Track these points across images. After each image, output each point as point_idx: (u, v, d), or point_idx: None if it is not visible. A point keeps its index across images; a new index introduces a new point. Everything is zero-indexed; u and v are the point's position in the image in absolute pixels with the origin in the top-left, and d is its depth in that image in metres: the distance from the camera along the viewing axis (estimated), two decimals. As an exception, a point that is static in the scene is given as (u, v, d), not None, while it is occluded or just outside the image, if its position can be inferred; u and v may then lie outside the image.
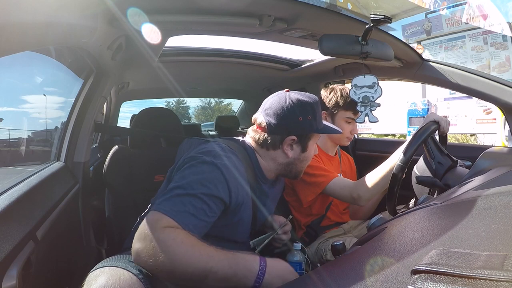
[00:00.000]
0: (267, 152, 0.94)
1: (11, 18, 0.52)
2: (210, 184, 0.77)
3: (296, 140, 0.92)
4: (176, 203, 0.72)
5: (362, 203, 1.14)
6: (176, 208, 0.71)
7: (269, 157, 0.94)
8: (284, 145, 0.92)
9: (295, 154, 0.94)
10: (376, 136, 4.17)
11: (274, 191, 1.05)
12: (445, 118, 1.06)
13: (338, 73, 1.69)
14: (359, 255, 0.54)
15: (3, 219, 0.62)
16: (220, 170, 0.79)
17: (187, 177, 0.77)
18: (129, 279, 0.70)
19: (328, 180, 1.20)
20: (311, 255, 1.28)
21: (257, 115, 0.96)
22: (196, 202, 0.73)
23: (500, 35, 3.29)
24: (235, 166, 0.84)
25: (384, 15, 0.86)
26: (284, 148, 0.92)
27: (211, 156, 0.82)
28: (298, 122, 0.90)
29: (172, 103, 14.96)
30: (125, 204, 1.31)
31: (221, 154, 0.83)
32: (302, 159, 0.96)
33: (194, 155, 0.82)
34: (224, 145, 0.88)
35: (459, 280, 0.33)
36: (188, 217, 0.71)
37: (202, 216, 0.74)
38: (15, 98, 1.19)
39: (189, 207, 0.72)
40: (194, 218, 0.72)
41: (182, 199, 0.73)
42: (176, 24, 0.93)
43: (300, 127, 0.91)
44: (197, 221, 0.73)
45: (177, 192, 0.74)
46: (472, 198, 0.62)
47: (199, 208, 0.73)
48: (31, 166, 1.19)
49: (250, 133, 0.97)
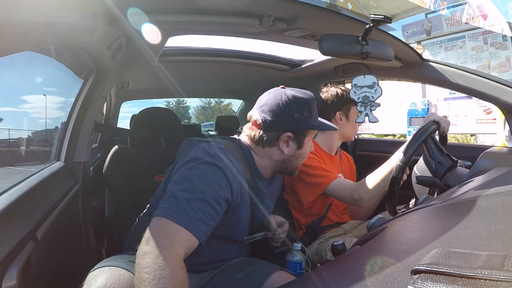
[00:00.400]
0: (263, 149, 0.93)
1: (11, 18, 0.52)
2: (216, 185, 0.77)
3: (292, 137, 0.92)
4: (187, 210, 0.72)
5: (363, 204, 1.14)
6: (189, 216, 0.71)
7: (264, 155, 0.94)
8: (280, 142, 0.91)
9: (291, 151, 0.93)
10: (376, 136, 4.17)
11: (271, 189, 1.05)
12: (445, 118, 1.07)
13: (338, 73, 1.69)
14: (359, 255, 0.54)
15: (3, 219, 0.62)
16: (222, 170, 0.79)
17: (191, 179, 0.77)
18: (129, 279, 0.70)
19: (329, 181, 1.20)
20: (311, 255, 1.28)
21: (253, 111, 0.95)
22: (205, 208, 0.74)
23: (500, 35, 3.29)
24: (234, 165, 0.84)
25: (384, 15, 0.86)
26: (280, 145, 0.92)
27: (211, 156, 0.81)
28: (294, 118, 0.90)
29: (172, 103, 14.96)
30: (125, 204, 1.31)
31: (220, 155, 0.83)
32: (298, 156, 0.95)
33: (196, 156, 0.82)
34: (222, 145, 0.88)
35: (459, 280, 0.33)
36: (200, 225, 0.72)
37: (210, 221, 0.75)
38: (15, 98, 1.19)
39: (200, 214, 0.72)
40: (204, 225, 0.73)
41: (192, 205, 0.72)
42: (176, 24, 0.93)
43: (296, 123, 0.91)
44: (206, 227, 0.73)
45: (185, 197, 0.73)
46: (472, 198, 0.62)
47: (207, 214, 0.74)
48: (31, 166, 1.19)
49: (246, 130, 0.96)
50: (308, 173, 1.21)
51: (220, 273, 0.94)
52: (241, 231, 0.95)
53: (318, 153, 1.33)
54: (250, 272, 0.91)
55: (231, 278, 0.91)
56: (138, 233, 0.97)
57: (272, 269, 0.90)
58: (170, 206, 0.72)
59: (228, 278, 0.91)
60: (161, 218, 0.71)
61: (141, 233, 0.97)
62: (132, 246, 0.94)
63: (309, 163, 1.22)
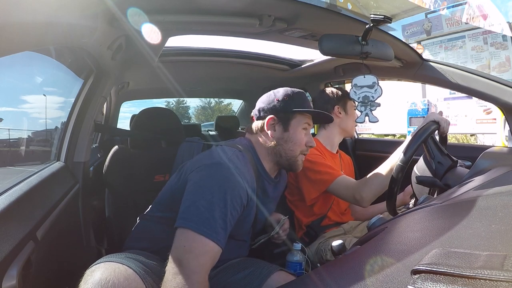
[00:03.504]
0: (258, 138, 1.00)
1: (11, 18, 0.52)
2: (234, 191, 0.80)
3: (276, 120, 0.98)
4: (209, 220, 0.75)
5: (364, 204, 1.14)
6: (211, 225, 0.75)
7: (261, 144, 0.99)
8: (267, 125, 0.98)
9: (278, 134, 0.98)
10: (376, 136, 4.17)
11: (276, 192, 1.08)
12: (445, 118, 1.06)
13: (338, 73, 1.69)
14: (359, 255, 0.54)
15: (3, 219, 0.62)
16: (239, 176, 0.82)
17: (210, 186, 0.79)
18: (124, 271, 0.72)
19: (333, 178, 1.20)
20: (311, 255, 1.28)
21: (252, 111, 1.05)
22: (225, 216, 0.77)
23: (500, 35, 3.29)
24: (247, 169, 0.88)
25: (384, 15, 0.86)
26: (267, 128, 0.98)
27: (226, 161, 0.84)
28: (275, 102, 0.99)
29: (172, 103, 14.97)
30: (125, 204, 1.31)
31: (235, 159, 0.87)
32: (286, 139, 0.98)
33: (212, 162, 0.84)
34: (233, 149, 0.92)
35: (459, 280, 0.33)
36: (221, 233, 0.76)
37: (229, 228, 0.79)
38: (15, 98, 1.18)
39: (220, 222, 0.76)
40: (224, 232, 0.78)
41: (213, 214, 0.76)
42: (176, 24, 0.93)
43: (277, 106, 0.98)
44: (226, 234, 0.78)
45: (205, 206, 0.76)
46: (472, 198, 0.62)
47: (227, 221, 0.78)
48: (31, 166, 1.18)
49: (248, 128, 1.04)
50: (313, 169, 1.22)
51: (220, 273, 0.94)
52: (245, 231, 0.96)
53: (321, 150, 1.35)
54: (250, 272, 0.91)
55: (231, 278, 0.91)
56: (139, 233, 0.98)
57: (272, 269, 0.90)
58: (192, 217, 0.76)
59: (228, 278, 0.92)
60: (185, 230, 0.75)
61: (142, 234, 0.98)
62: (133, 246, 0.94)
63: (314, 159, 1.23)
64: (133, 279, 0.72)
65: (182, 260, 0.72)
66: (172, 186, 0.91)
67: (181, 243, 0.74)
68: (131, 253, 0.86)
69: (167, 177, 1.35)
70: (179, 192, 0.85)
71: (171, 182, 0.93)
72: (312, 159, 1.22)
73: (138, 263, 0.78)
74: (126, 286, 0.70)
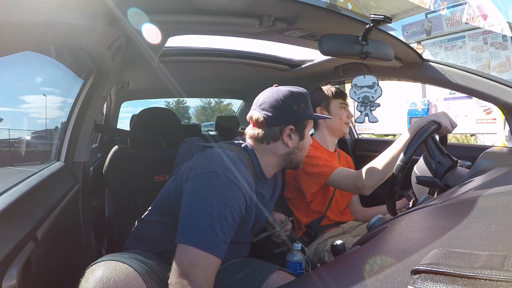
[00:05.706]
0: (267, 146, 0.94)
1: (11, 18, 0.52)
2: (233, 203, 0.79)
3: (293, 129, 0.94)
4: (210, 234, 0.75)
5: (366, 191, 1.13)
6: (212, 240, 0.75)
7: (269, 151, 0.95)
8: (284, 135, 0.93)
9: (294, 143, 0.95)
10: (376, 136, 4.17)
11: (273, 191, 1.07)
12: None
13: (338, 73, 1.69)
14: (359, 255, 0.54)
15: (3, 219, 0.62)
16: (238, 186, 0.81)
17: (209, 199, 0.77)
18: (125, 269, 0.73)
19: (332, 170, 1.20)
20: (310, 255, 1.28)
21: (252, 112, 0.96)
22: (225, 228, 0.77)
23: (500, 35, 3.30)
24: (245, 176, 0.85)
25: (384, 15, 0.86)
26: (284, 139, 0.93)
27: (224, 170, 0.82)
28: (294, 111, 0.92)
29: (172, 103, 14.96)
30: (125, 204, 1.31)
31: (232, 167, 0.84)
32: (301, 147, 0.97)
33: (209, 170, 0.81)
34: (232, 153, 0.89)
35: (459, 280, 0.33)
36: (222, 245, 0.76)
37: (229, 239, 0.79)
38: (15, 98, 1.18)
39: (221, 235, 0.76)
40: (225, 244, 0.77)
41: (213, 228, 0.75)
42: (176, 24, 0.93)
43: (296, 115, 0.93)
44: (226, 246, 0.78)
45: (206, 220, 0.75)
46: (472, 198, 0.62)
47: (227, 233, 0.78)
48: (31, 166, 1.18)
49: (249, 132, 0.97)
50: (311, 164, 1.22)
51: (220, 273, 0.94)
52: (245, 234, 0.96)
53: (318, 147, 1.35)
54: (249, 272, 0.91)
55: (231, 278, 0.91)
56: (138, 235, 0.98)
57: (271, 269, 0.90)
58: (193, 232, 0.75)
59: (228, 278, 0.92)
60: (188, 246, 0.74)
61: (141, 236, 0.98)
62: (132, 247, 0.94)
63: (311, 154, 1.23)
64: (133, 277, 0.73)
65: (189, 274, 0.72)
66: (170, 194, 0.89)
67: (186, 257, 0.74)
68: (131, 252, 0.86)
69: (167, 177, 1.35)
70: (176, 200, 0.84)
71: (168, 188, 0.91)
72: (310, 154, 1.21)
73: (138, 262, 0.78)
74: (127, 283, 0.71)
